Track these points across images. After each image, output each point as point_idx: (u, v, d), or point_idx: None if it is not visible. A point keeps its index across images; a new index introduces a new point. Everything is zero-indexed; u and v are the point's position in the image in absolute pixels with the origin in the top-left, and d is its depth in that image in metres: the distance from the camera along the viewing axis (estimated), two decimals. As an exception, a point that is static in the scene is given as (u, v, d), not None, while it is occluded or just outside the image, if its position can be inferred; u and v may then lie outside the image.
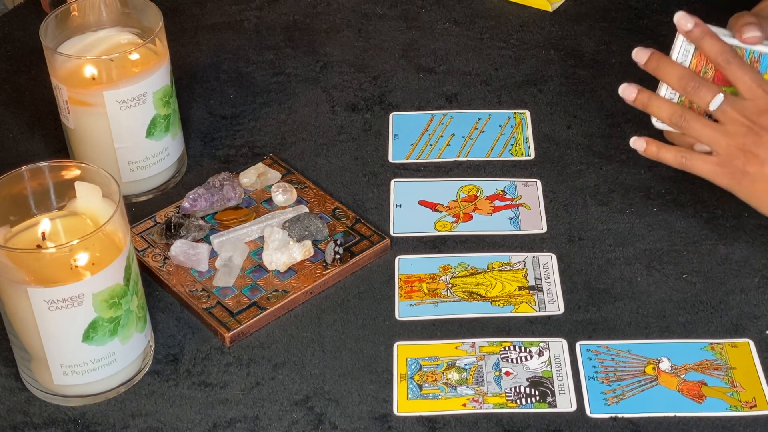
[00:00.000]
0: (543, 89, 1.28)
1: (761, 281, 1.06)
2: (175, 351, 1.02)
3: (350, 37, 1.38)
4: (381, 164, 1.20)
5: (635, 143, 1.08)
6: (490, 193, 1.16)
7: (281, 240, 1.08)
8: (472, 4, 1.42)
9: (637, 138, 1.08)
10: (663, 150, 1.06)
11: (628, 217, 1.13)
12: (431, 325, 1.03)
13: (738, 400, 0.96)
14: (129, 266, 0.95)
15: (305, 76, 1.32)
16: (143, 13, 1.15)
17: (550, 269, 1.08)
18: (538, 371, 0.99)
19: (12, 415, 0.98)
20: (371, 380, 0.99)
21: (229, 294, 1.05)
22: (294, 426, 0.96)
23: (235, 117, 1.26)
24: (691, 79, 1.03)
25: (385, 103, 1.28)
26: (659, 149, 1.06)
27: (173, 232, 1.09)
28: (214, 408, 0.97)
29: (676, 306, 1.04)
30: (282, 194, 1.14)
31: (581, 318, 1.03)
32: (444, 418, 0.96)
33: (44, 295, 0.91)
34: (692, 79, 1.03)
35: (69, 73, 1.11)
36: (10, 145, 1.24)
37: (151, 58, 1.12)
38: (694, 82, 1.03)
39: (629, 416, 0.95)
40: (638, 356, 1.00)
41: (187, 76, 1.32)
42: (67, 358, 0.95)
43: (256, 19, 1.41)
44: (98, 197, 0.97)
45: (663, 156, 1.06)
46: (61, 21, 1.14)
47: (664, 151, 1.06)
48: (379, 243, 1.09)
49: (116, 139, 1.13)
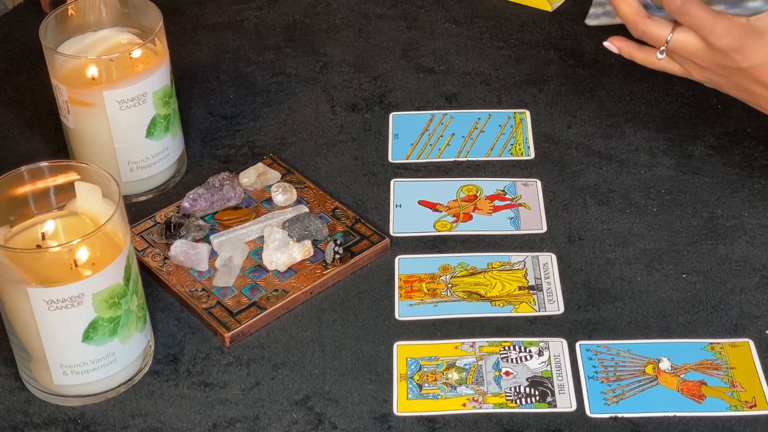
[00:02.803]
0: (543, 89, 1.28)
1: (761, 281, 1.06)
2: (175, 351, 1.02)
3: (350, 37, 1.38)
4: (381, 164, 1.20)
5: (609, 46, 1.08)
6: (489, 193, 1.16)
7: (281, 240, 1.08)
8: (472, 4, 1.42)
9: (610, 40, 1.08)
10: (636, 51, 1.06)
11: (628, 217, 1.13)
12: (431, 325, 1.03)
13: (738, 399, 0.96)
14: (129, 266, 0.95)
15: (305, 76, 1.32)
16: (143, 13, 1.15)
17: (550, 269, 1.08)
18: (538, 371, 0.99)
19: (12, 415, 0.98)
20: (371, 380, 0.99)
21: (229, 294, 1.05)
22: (294, 426, 0.96)
23: (235, 117, 1.26)
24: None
25: (385, 103, 1.28)
26: (632, 50, 1.07)
27: (173, 232, 1.09)
28: (214, 408, 0.97)
29: (676, 306, 1.04)
30: (282, 194, 1.14)
31: (581, 318, 1.03)
32: (444, 418, 0.96)
33: (44, 295, 0.91)
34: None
35: (69, 73, 1.11)
36: (10, 145, 1.24)
37: (151, 58, 1.12)
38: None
39: (629, 416, 0.95)
40: (638, 356, 1.00)
41: (187, 76, 1.32)
42: (67, 358, 0.95)
43: (256, 19, 1.41)
44: (98, 197, 0.97)
45: (636, 56, 1.07)
46: (61, 21, 1.14)
47: (638, 52, 1.06)
48: (379, 243, 1.09)
49: (116, 139, 1.13)
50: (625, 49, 1.07)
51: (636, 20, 1.03)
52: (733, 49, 0.99)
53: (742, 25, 0.99)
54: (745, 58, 1.00)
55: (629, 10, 1.03)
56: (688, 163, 1.18)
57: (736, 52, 1.00)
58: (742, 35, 0.99)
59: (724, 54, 1.00)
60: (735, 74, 1.02)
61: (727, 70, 1.02)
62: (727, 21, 0.99)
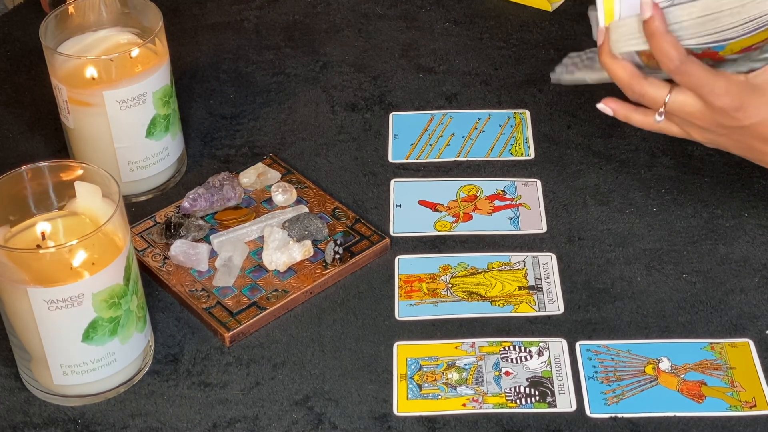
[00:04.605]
0: (543, 89, 1.28)
1: (761, 281, 1.06)
2: (175, 351, 1.02)
3: (350, 37, 1.38)
4: (381, 164, 1.20)
5: (603, 108, 1.05)
6: (489, 193, 1.16)
7: (281, 240, 1.08)
8: (472, 4, 1.42)
9: (604, 102, 1.05)
10: (634, 113, 1.04)
11: (628, 217, 1.13)
12: (431, 325, 1.03)
13: (738, 400, 0.96)
14: (129, 266, 0.95)
15: (305, 76, 1.32)
16: (143, 13, 1.15)
17: (549, 269, 1.08)
18: (538, 371, 0.99)
19: (12, 415, 0.98)
20: (371, 380, 0.99)
21: (229, 294, 1.05)
22: (294, 426, 0.96)
23: (235, 117, 1.26)
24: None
25: (385, 103, 1.28)
26: (629, 112, 1.04)
27: (173, 232, 1.09)
28: (214, 408, 0.97)
29: (675, 306, 1.04)
30: (282, 194, 1.14)
31: (581, 318, 1.03)
32: (444, 418, 0.96)
33: (44, 295, 0.91)
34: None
35: (69, 73, 1.11)
36: (10, 145, 1.24)
37: (151, 58, 1.12)
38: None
39: (629, 416, 0.95)
40: (638, 356, 1.00)
41: (187, 76, 1.32)
42: (66, 358, 0.95)
43: (256, 19, 1.41)
44: (98, 197, 0.97)
45: (633, 119, 1.04)
46: (61, 21, 1.14)
47: (635, 114, 1.04)
48: (378, 243, 1.09)
49: (116, 139, 1.13)
50: (621, 112, 1.04)
51: (632, 83, 1.00)
52: (733, 107, 0.97)
53: (741, 83, 0.97)
54: (747, 116, 0.98)
55: (624, 74, 1.00)
56: (688, 163, 1.18)
57: (737, 111, 0.98)
58: (742, 93, 0.97)
59: (724, 113, 0.98)
60: (737, 133, 1.00)
61: (728, 129, 1.00)
62: (725, 80, 0.97)
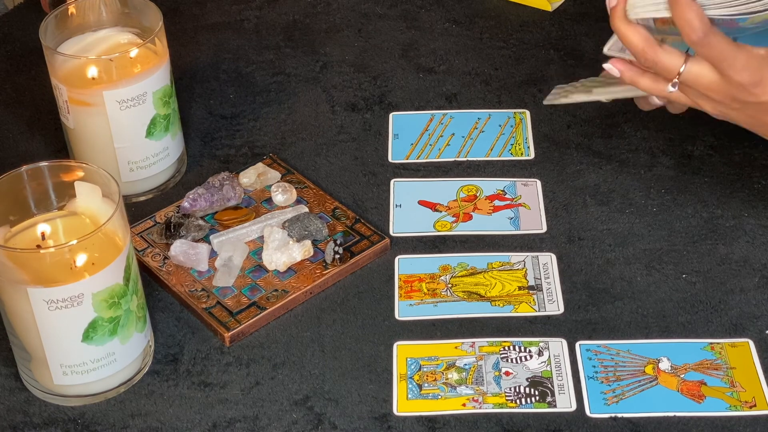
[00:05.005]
0: (543, 89, 1.28)
1: (761, 281, 1.06)
2: (175, 351, 1.02)
3: (350, 37, 1.38)
4: (381, 164, 1.20)
5: (609, 68, 1.01)
6: (489, 193, 1.16)
7: (281, 240, 1.08)
8: (472, 4, 1.42)
9: (612, 62, 1.01)
10: (641, 77, 1.00)
11: (628, 217, 1.13)
12: (431, 325, 1.03)
13: (738, 399, 0.96)
14: (129, 266, 0.95)
15: (305, 76, 1.32)
16: (143, 13, 1.15)
17: (549, 269, 1.08)
18: (538, 371, 0.99)
19: (12, 415, 0.98)
20: (371, 380, 0.99)
21: (229, 294, 1.05)
22: (294, 426, 0.96)
23: (235, 117, 1.26)
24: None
25: (385, 103, 1.28)
26: (636, 76, 1.00)
27: (173, 232, 1.09)
28: (214, 408, 0.97)
29: (675, 306, 1.04)
30: (282, 194, 1.14)
31: (581, 318, 1.03)
32: (444, 418, 0.96)
33: (44, 295, 0.91)
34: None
35: (69, 73, 1.11)
36: (10, 145, 1.24)
37: (151, 58, 1.12)
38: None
39: (629, 416, 0.95)
40: (638, 356, 1.00)
41: (187, 76, 1.32)
42: (66, 358, 0.95)
43: (256, 19, 1.41)
44: (98, 197, 0.97)
45: (641, 83, 1.00)
46: (61, 21, 1.14)
47: (643, 78, 1.00)
48: (378, 243, 1.09)
49: (116, 139, 1.13)
50: (627, 74, 1.00)
51: (645, 50, 0.96)
52: (752, 83, 0.95)
53: (762, 58, 0.95)
54: (765, 92, 0.96)
55: (638, 39, 0.96)
56: (688, 163, 1.18)
57: (756, 86, 0.95)
58: (762, 68, 0.95)
59: (742, 88, 0.96)
60: (752, 108, 0.98)
61: (743, 104, 0.98)
62: (746, 54, 0.94)
